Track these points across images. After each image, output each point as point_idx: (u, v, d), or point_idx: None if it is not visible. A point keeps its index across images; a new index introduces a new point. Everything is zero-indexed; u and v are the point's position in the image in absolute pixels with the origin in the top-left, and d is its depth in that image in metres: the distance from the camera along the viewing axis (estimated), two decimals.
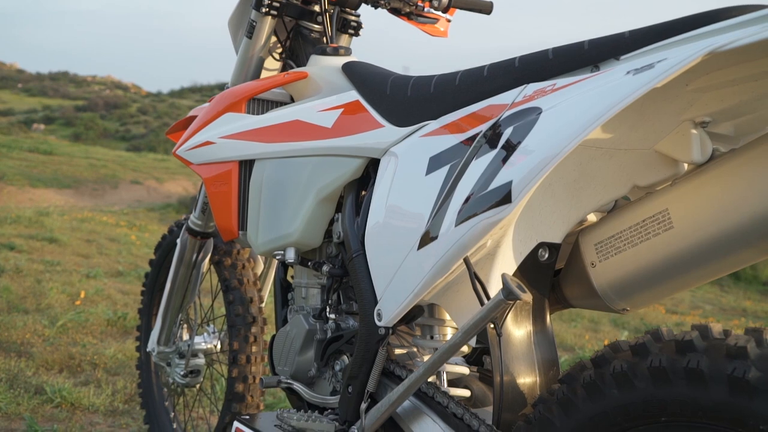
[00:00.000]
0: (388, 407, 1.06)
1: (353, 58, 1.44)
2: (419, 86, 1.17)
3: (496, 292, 0.89)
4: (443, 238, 0.96)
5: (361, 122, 1.23)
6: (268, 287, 2.05)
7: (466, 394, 1.17)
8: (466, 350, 1.30)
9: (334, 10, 1.58)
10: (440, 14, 1.68)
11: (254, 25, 1.58)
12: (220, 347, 2.06)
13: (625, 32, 0.89)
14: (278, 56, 1.66)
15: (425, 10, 1.65)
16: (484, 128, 0.99)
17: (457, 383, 1.20)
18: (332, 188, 1.26)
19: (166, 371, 2.08)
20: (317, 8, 1.57)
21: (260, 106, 1.50)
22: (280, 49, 1.66)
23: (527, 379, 1.00)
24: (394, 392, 1.05)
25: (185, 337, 2.07)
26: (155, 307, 2.17)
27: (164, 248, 2.12)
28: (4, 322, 3.34)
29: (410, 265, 1.03)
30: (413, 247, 1.02)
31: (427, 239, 0.99)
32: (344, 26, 1.63)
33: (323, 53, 1.44)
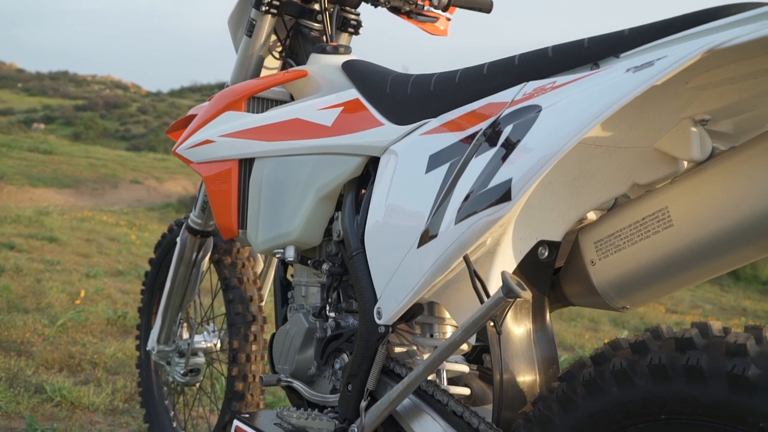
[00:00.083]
0: (387, 405, 1.06)
1: (353, 56, 1.44)
2: (419, 84, 1.17)
3: (495, 290, 0.89)
4: (443, 236, 0.96)
5: (360, 120, 1.23)
6: (268, 286, 2.05)
7: (465, 392, 1.17)
8: (465, 348, 1.30)
9: (333, 8, 1.58)
10: (440, 13, 1.68)
11: (254, 23, 1.58)
12: (220, 346, 2.06)
13: (624, 30, 0.89)
14: (278, 55, 1.66)
15: (425, 8, 1.65)
16: (483, 126, 0.99)
17: (456, 381, 1.20)
18: (332, 186, 1.26)
19: (166, 370, 2.08)
20: (317, 7, 1.57)
21: (260, 104, 1.50)
22: (279, 47, 1.66)
23: (527, 377, 1.00)
24: (393, 390, 1.05)
25: (185, 335, 2.07)
26: (155, 305, 2.17)
27: (164, 247, 2.12)
28: (4, 321, 3.34)
29: (410, 263, 1.02)
30: (413, 245, 1.02)
31: (426, 237, 0.99)
32: (344, 25, 1.63)
33: (323, 52, 1.44)
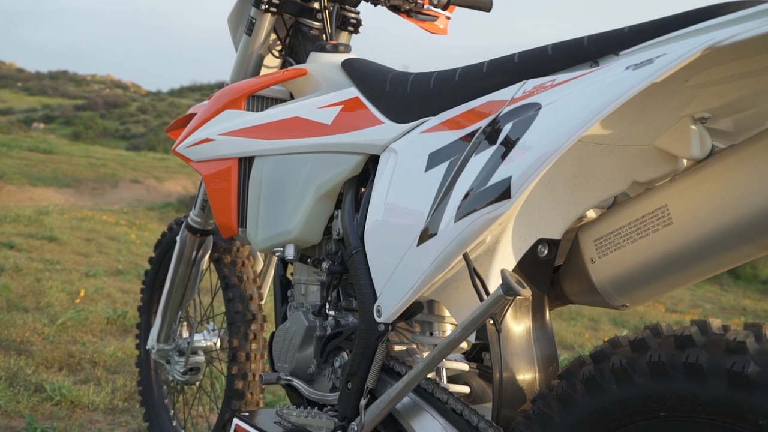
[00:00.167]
0: (387, 403, 1.06)
1: (353, 55, 1.44)
2: (419, 83, 1.17)
3: (495, 288, 0.89)
4: (442, 234, 0.96)
5: (360, 119, 1.23)
6: (267, 284, 2.05)
7: (465, 390, 1.17)
8: (465, 347, 1.30)
9: (333, 7, 1.58)
10: (440, 11, 1.68)
11: (254, 22, 1.58)
12: (219, 344, 2.06)
13: (624, 27, 0.89)
14: (278, 53, 1.66)
15: (425, 7, 1.65)
16: (483, 124, 0.98)
17: (456, 380, 1.20)
18: (332, 185, 1.26)
19: (165, 369, 2.08)
20: (317, 5, 1.57)
21: (260, 103, 1.50)
22: (279, 46, 1.66)
23: (526, 375, 1.00)
24: (393, 388, 1.05)
25: (185, 334, 2.07)
26: (155, 304, 2.16)
27: (164, 246, 2.12)
28: (3, 320, 3.34)
29: (410, 261, 1.02)
30: (413, 243, 1.02)
31: (426, 235, 0.99)
32: (344, 23, 1.63)
33: (323, 50, 1.44)
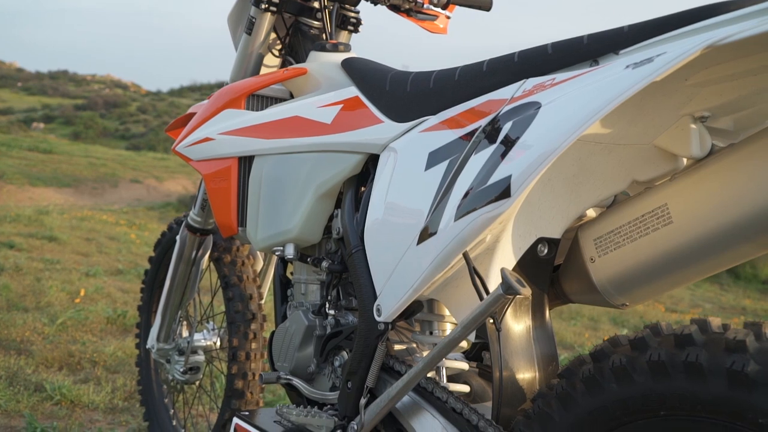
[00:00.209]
0: (387, 402, 1.06)
1: (352, 54, 1.44)
2: (418, 82, 1.17)
3: (495, 286, 0.89)
4: (442, 233, 0.96)
5: (360, 118, 1.23)
6: (267, 284, 2.05)
7: (465, 389, 1.17)
8: (465, 346, 1.30)
9: (333, 6, 1.58)
10: (440, 11, 1.68)
11: (254, 21, 1.58)
12: (219, 344, 2.06)
13: (624, 27, 0.89)
14: (277, 53, 1.66)
15: (425, 6, 1.65)
16: (483, 123, 0.99)
17: (456, 379, 1.20)
18: (331, 184, 1.26)
19: (165, 368, 2.08)
20: (316, 5, 1.57)
21: (259, 102, 1.50)
22: (279, 45, 1.66)
23: (526, 374, 1.00)
24: (393, 387, 1.05)
25: (185, 334, 2.07)
26: (155, 304, 2.16)
27: (164, 245, 2.12)
28: (3, 320, 3.34)
29: (409, 260, 1.02)
30: (412, 242, 1.02)
31: (426, 234, 0.99)
32: (343, 23, 1.63)
33: (322, 49, 1.44)
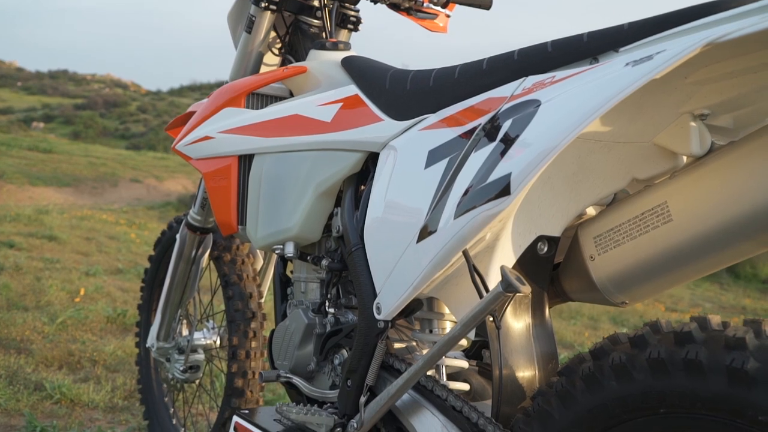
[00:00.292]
0: (387, 400, 1.06)
1: (352, 52, 1.44)
2: (418, 80, 1.17)
3: (495, 284, 0.89)
4: (442, 231, 0.96)
5: (360, 116, 1.23)
6: (267, 282, 2.05)
7: (465, 387, 1.17)
8: (465, 344, 1.30)
9: (333, 5, 1.58)
10: (439, 9, 1.68)
11: (253, 20, 1.58)
12: (219, 343, 2.06)
13: (624, 24, 0.89)
14: (277, 51, 1.66)
15: (424, 5, 1.65)
16: (483, 121, 0.98)
17: (456, 377, 1.20)
18: (331, 182, 1.26)
19: (165, 367, 2.08)
20: (316, 3, 1.57)
21: (259, 100, 1.50)
22: (279, 44, 1.66)
23: (526, 372, 1.00)
24: (393, 385, 1.05)
25: (185, 332, 2.07)
26: (155, 302, 2.16)
27: (163, 244, 2.12)
28: (3, 319, 3.34)
29: (409, 258, 1.02)
30: (412, 240, 1.02)
31: (426, 232, 0.99)
32: (343, 21, 1.62)
33: (322, 48, 1.44)
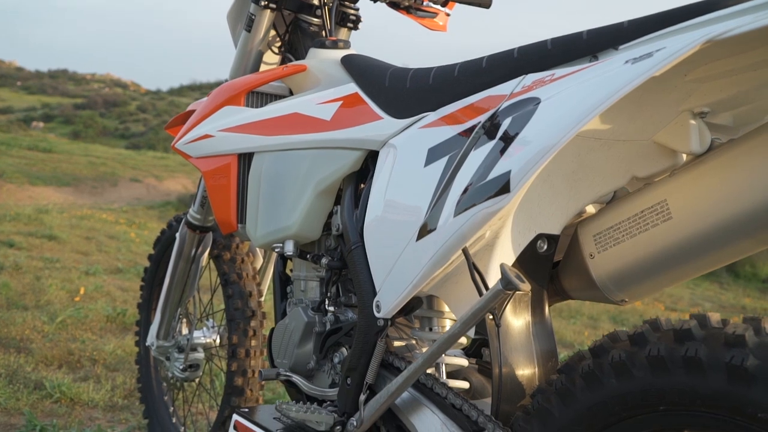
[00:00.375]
0: (386, 399, 1.06)
1: (352, 51, 1.44)
2: (418, 78, 1.17)
3: (494, 282, 0.89)
4: (442, 228, 0.96)
5: (359, 114, 1.23)
6: (267, 281, 2.05)
7: (464, 385, 1.17)
8: (464, 342, 1.30)
9: (332, 3, 1.58)
10: (439, 8, 1.68)
11: (253, 18, 1.58)
12: (219, 341, 2.06)
13: (624, 22, 0.89)
14: (277, 50, 1.66)
15: (424, 3, 1.65)
16: (482, 119, 0.98)
17: (455, 375, 1.20)
18: (331, 181, 1.26)
19: (165, 366, 2.08)
20: (316, 1, 1.57)
21: (259, 99, 1.50)
22: (279, 42, 1.66)
23: (526, 370, 1.00)
24: (392, 384, 1.05)
25: (184, 331, 2.07)
26: (154, 301, 2.16)
27: (163, 243, 2.12)
28: (3, 318, 3.34)
29: (409, 256, 1.02)
30: (412, 238, 1.02)
31: (425, 230, 0.99)
32: (343, 20, 1.62)
33: (322, 46, 1.44)
